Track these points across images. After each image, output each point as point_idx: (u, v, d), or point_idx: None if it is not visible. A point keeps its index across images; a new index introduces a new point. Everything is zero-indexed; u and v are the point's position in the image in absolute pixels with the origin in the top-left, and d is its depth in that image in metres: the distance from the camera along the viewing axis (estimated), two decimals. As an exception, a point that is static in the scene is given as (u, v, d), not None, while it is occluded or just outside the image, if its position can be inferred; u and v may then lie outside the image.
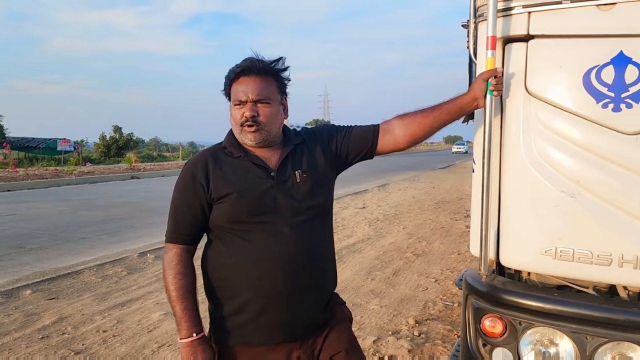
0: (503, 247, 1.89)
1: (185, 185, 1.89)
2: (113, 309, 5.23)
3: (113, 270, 6.77)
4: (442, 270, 6.59)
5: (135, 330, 4.63)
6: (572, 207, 1.72)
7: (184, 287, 1.87)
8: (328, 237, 2.00)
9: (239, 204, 1.80)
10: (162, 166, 33.56)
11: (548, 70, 1.76)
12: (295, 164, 1.89)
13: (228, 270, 1.85)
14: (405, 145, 1.97)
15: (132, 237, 9.25)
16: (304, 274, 1.83)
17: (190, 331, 1.84)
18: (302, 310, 1.86)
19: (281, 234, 1.80)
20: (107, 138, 45.47)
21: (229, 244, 1.84)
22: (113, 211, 12.65)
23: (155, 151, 56.40)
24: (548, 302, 1.73)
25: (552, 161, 1.76)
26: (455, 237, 8.90)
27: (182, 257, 1.89)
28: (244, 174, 1.85)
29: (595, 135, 1.68)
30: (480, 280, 1.92)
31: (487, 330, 1.87)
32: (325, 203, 1.95)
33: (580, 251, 1.71)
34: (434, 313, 4.93)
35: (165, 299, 5.46)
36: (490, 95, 1.81)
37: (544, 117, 1.77)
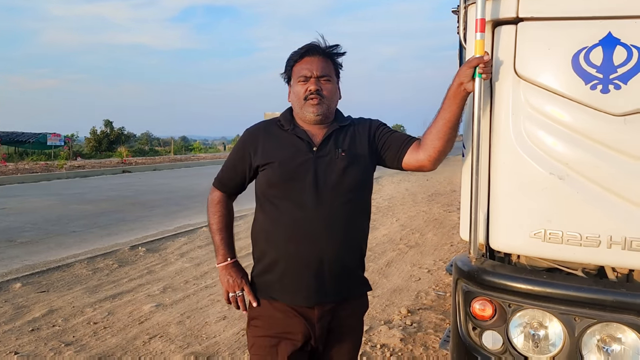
0: (493, 231, 1.89)
1: (237, 149, 2.16)
2: (104, 301, 5.20)
3: (104, 263, 6.73)
4: (435, 261, 6.61)
5: (126, 322, 4.61)
6: (561, 189, 1.72)
7: (222, 222, 2.18)
8: (357, 215, 2.06)
9: (277, 172, 1.99)
10: (154, 160, 33.41)
11: (537, 53, 1.76)
12: (337, 143, 2.03)
13: (263, 234, 2.07)
14: (428, 162, 1.98)
15: (124, 230, 9.21)
16: (326, 244, 1.95)
17: (225, 257, 2.16)
18: (320, 278, 1.97)
19: (310, 203, 1.94)
20: (98, 132, 45.20)
21: (267, 210, 2.05)
22: (104, 205, 12.59)
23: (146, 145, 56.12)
24: (537, 285, 1.74)
25: (541, 143, 1.75)
26: (449, 229, 8.93)
27: (221, 199, 2.21)
28: (287, 145, 2.03)
29: (584, 117, 1.68)
30: (469, 264, 1.92)
31: (477, 313, 1.87)
32: (360, 182, 2.04)
33: (569, 233, 1.71)
34: (427, 303, 4.95)
35: (156, 292, 5.45)
36: (480, 79, 1.80)
37: (533, 100, 1.77)
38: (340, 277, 2.02)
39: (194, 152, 47.12)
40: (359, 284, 2.15)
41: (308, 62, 2.02)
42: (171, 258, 7.05)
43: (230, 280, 2.14)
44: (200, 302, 5.10)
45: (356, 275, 2.13)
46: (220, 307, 4.94)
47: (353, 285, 2.12)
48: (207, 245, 7.75)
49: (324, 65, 2.03)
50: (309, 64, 2.02)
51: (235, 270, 2.16)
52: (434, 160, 1.96)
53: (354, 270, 2.11)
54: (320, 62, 2.02)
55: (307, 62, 2.02)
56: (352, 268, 2.09)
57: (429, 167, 1.99)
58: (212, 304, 5.03)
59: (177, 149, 48.08)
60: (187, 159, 35.77)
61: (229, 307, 2.20)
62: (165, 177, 21.41)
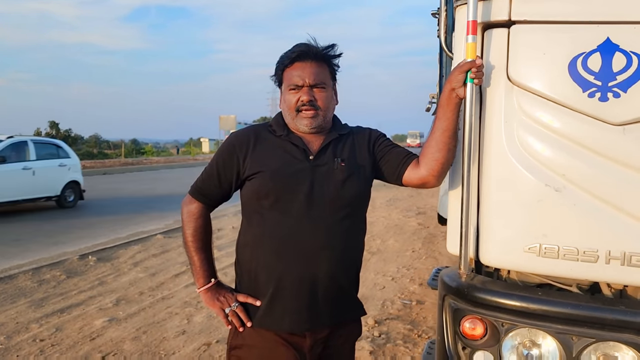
0: (483, 245, 1.79)
1: (223, 154, 1.94)
2: (51, 316, 4.86)
3: (51, 274, 6.34)
4: (399, 268, 6.56)
5: (76, 339, 4.30)
6: (557, 201, 1.63)
7: (203, 239, 1.98)
8: (355, 232, 1.94)
9: (269, 181, 1.82)
10: (104, 164, 32.26)
11: (531, 58, 1.67)
12: (336, 152, 1.89)
13: (251, 249, 1.89)
14: (431, 178, 1.86)
15: (72, 238, 8.75)
16: (321, 263, 1.81)
17: (208, 279, 1.97)
18: (313, 300, 1.83)
19: (305, 217, 1.80)
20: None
21: (255, 223, 1.88)
22: (50, 211, 11.97)
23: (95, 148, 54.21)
24: (532, 302, 1.64)
25: (536, 153, 1.66)
26: (409, 235, 8.94)
27: (202, 212, 1.98)
28: (280, 153, 1.86)
29: (582, 125, 1.60)
30: (458, 280, 1.81)
31: (467, 332, 1.76)
32: (359, 197, 1.91)
33: (565, 248, 1.63)
34: (393, 312, 4.87)
35: (108, 305, 5.14)
36: (471, 84, 1.70)
37: (527, 107, 1.68)
38: (335, 299, 1.88)
39: (147, 156, 45.89)
40: (354, 307, 2.01)
41: (299, 68, 1.85)
42: (124, 268, 6.71)
43: (221, 297, 1.95)
44: (157, 316, 4.83)
45: (351, 297, 2.00)
46: (179, 320, 4.69)
47: (348, 308, 1.97)
48: (163, 254, 7.45)
49: (318, 71, 1.86)
50: (300, 71, 1.84)
51: (222, 288, 1.99)
52: (438, 174, 1.84)
53: (349, 292, 1.97)
54: (313, 68, 1.84)
55: (298, 69, 1.85)
56: (347, 289, 1.95)
57: (432, 182, 1.88)
58: (170, 317, 4.78)
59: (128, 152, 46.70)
60: (139, 163, 34.74)
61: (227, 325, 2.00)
62: (116, 181, 20.65)
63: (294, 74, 1.85)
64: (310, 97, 1.83)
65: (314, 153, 1.86)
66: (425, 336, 4.29)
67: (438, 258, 7.20)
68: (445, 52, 2.34)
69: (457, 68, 1.69)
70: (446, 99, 1.75)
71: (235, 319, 1.90)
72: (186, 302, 5.19)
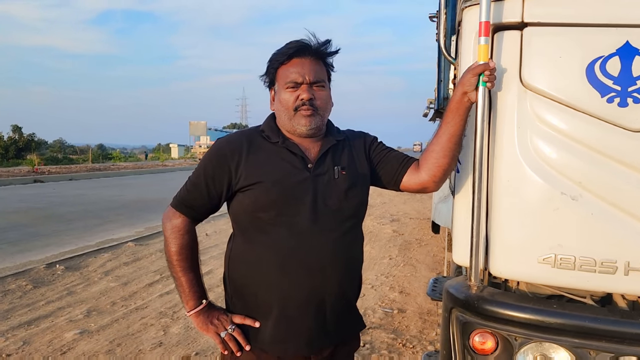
0: (493, 255, 1.72)
1: (211, 163, 1.76)
2: (18, 328, 4.60)
3: (16, 284, 6.03)
4: (377, 276, 6.49)
5: (46, 353, 4.07)
6: (573, 210, 1.58)
7: (190, 257, 1.80)
8: (358, 244, 1.85)
9: (269, 193, 1.68)
10: (70, 169, 31.41)
11: (546, 61, 1.62)
12: (335, 160, 1.77)
13: (248, 266, 1.74)
14: (432, 182, 1.79)
15: (38, 246, 8.39)
16: (328, 278, 1.71)
17: (199, 300, 1.80)
18: (321, 318, 1.73)
19: (309, 232, 1.68)
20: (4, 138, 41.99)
21: (253, 238, 1.73)
22: (14, 217, 11.51)
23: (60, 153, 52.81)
24: (548, 315, 1.58)
25: (551, 160, 1.61)
26: (385, 242, 8.89)
27: (188, 228, 1.80)
28: (278, 162, 1.73)
29: (600, 132, 1.55)
30: (467, 292, 1.73)
31: (477, 346, 1.69)
32: (360, 207, 1.82)
33: (582, 258, 1.57)
34: (375, 321, 4.78)
35: (79, 316, 4.89)
36: (483, 88, 1.63)
37: (542, 112, 1.62)
38: (342, 316, 1.80)
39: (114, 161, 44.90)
40: (357, 321, 1.93)
41: (298, 64, 1.72)
42: (94, 277, 6.44)
43: (215, 320, 1.78)
44: (132, 327, 4.62)
45: (356, 311, 1.91)
46: (155, 332, 4.50)
47: (353, 323, 1.89)
48: (134, 262, 7.20)
49: (317, 68, 1.74)
50: (299, 67, 1.71)
51: (214, 309, 1.82)
52: (439, 180, 1.78)
53: (354, 306, 1.89)
54: (312, 65, 1.73)
55: (296, 65, 1.72)
56: (353, 304, 1.88)
57: (432, 187, 1.81)
58: (145, 329, 4.57)
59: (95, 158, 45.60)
60: (107, 168, 33.94)
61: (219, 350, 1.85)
62: (83, 187, 20.06)
63: (292, 70, 1.72)
64: (311, 95, 1.71)
65: (313, 161, 1.74)
66: (410, 345, 4.22)
67: (416, 265, 7.16)
68: (445, 56, 2.28)
69: (470, 71, 1.62)
70: (456, 103, 1.68)
71: (232, 343, 1.75)
72: (161, 312, 5.00)
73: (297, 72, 1.71)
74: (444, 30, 2.27)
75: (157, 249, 7.91)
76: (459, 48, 1.93)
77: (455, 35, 2.23)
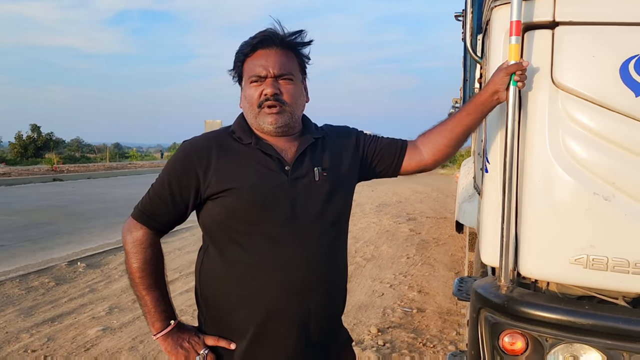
0: (523, 256, 1.71)
1: (175, 169, 1.60)
2: (42, 325, 4.68)
3: (39, 281, 6.13)
4: (395, 275, 6.48)
5: (70, 349, 4.14)
6: (606, 210, 1.56)
7: (155, 274, 1.63)
8: (342, 250, 1.74)
9: (243, 200, 1.53)
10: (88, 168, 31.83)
11: (579, 61, 1.60)
12: (314, 160, 1.63)
13: (223, 283, 1.60)
14: (431, 162, 1.76)
15: (59, 244, 8.52)
16: (311, 295, 1.59)
17: (167, 320, 1.64)
18: (305, 336, 1.60)
19: (289, 242, 1.55)
20: (24, 137, 42.62)
21: (226, 251, 1.58)
22: (35, 215, 11.69)
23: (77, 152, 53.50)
24: (580, 316, 1.57)
25: (583, 160, 1.59)
26: (402, 241, 8.87)
27: (151, 241, 1.62)
28: (252, 165, 1.57)
29: (633, 131, 1.54)
30: (496, 292, 1.73)
31: (507, 347, 1.68)
32: (344, 210, 1.71)
33: (615, 259, 1.56)
34: (395, 320, 4.78)
35: (101, 313, 4.96)
36: (514, 87, 1.62)
37: (574, 112, 1.61)
38: (327, 332, 1.67)
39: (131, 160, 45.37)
40: (344, 338, 1.82)
41: (262, 56, 1.56)
42: (115, 274, 6.53)
43: (185, 342, 1.62)
44: (152, 324, 4.68)
45: (342, 327, 1.81)
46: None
47: (340, 340, 1.78)
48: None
49: (284, 60, 1.58)
50: (263, 59, 1.56)
51: (184, 330, 1.66)
52: (439, 164, 1.78)
53: (340, 322, 1.79)
54: (278, 57, 1.57)
55: (261, 57, 1.56)
56: (339, 319, 1.77)
57: (430, 167, 1.79)
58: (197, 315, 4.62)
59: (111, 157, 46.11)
60: (124, 167, 34.29)
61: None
62: (101, 185, 20.32)
63: (256, 63, 1.57)
64: (275, 90, 1.55)
65: (290, 163, 1.59)
66: (430, 345, 4.21)
67: (434, 264, 7.14)
68: (471, 55, 2.27)
69: (502, 70, 1.61)
70: (484, 100, 1.66)
71: None
72: (182, 310, 5.04)
73: (261, 65, 1.56)
74: (470, 30, 2.26)
75: (176, 247, 7.99)
76: (487, 47, 1.92)
77: (482, 34, 2.23)
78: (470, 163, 4.38)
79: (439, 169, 33.03)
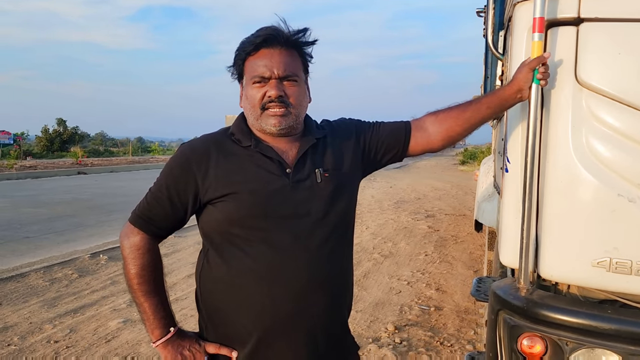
0: (543, 257, 1.68)
1: (174, 172, 1.56)
2: (64, 316, 4.77)
3: (62, 272, 6.26)
4: (413, 272, 6.44)
5: (91, 341, 4.21)
6: (631, 212, 1.52)
7: (154, 280, 1.59)
8: (348, 252, 1.68)
9: (244, 205, 1.48)
10: (111, 162, 32.32)
11: (604, 58, 1.56)
12: (316, 161, 1.57)
13: (224, 289, 1.55)
14: (440, 145, 1.70)
15: (83, 236, 8.68)
16: (315, 300, 1.54)
17: (167, 327, 1.60)
18: (312, 345, 1.56)
19: (293, 247, 1.50)
20: (50, 131, 43.45)
21: (228, 257, 1.53)
22: (60, 208, 11.92)
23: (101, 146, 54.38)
24: (602, 321, 1.53)
25: (607, 161, 1.56)
26: (420, 238, 8.82)
27: (149, 246, 1.58)
28: (252, 168, 1.52)
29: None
30: (516, 294, 1.70)
31: (525, 350, 1.65)
32: (348, 210, 1.64)
33: (639, 263, 1.52)
34: (412, 318, 4.75)
35: (122, 305, 5.04)
36: (537, 85, 1.59)
37: (599, 111, 1.57)
38: (333, 340, 1.62)
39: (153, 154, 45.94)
40: (351, 345, 1.75)
41: (266, 56, 1.50)
42: (136, 267, 6.61)
43: (185, 350, 1.58)
44: (172, 318, 4.74)
45: (349, 333, 1.75)
46: (195, 322, 4.57)
47: (347, 347, 1.72)
48: (174, 253, 7.36)
49: (289, 60, 1.52)
50: (267, 59, 1.50)
51: (184, 337, 1.62)
52: (445, 147, 1.72)
53: (347, 328, 1.73)
54: (283, 57, 1.51)
55: (264, 57, 1.50)
56: (345, 325, 1.72)
57: (437, 150, 1.74)
58: (186, 319, 4.67)
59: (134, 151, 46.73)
60: (146, 161, 34.73)
61: None
62: (124, 179, 20.61)
63: (259, 63, 1.50)
64: (280, 92, 1.49)
65: (291, 165, 1.54)
66: (447, 344, 4.18)
67: (452, 262, 7.08)
68: (492, 52, 2.24)
69: (525, 66, 1.57)
70: (508, 96, 1.62)
71: None
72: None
73: (265, 66, 1.50)
74: (491, 26, 2.22)
75: (196, 242, 8.06)
76: (510, 44, 1.88)
77: (504, 31, 2.19)
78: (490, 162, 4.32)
79: (459, 166, 32.72)
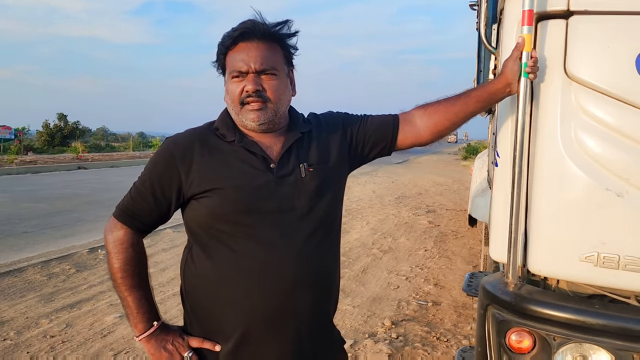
0: (532, 252, 1.67)
1: (157, 167, 1.55)
2: (61, 311, 4.77)
3: (60, 267, 6.26)
4: (412, 268, 6.44)
5: (87, 336, 4.21)
6: (619, 207, 1.51)
7: (137, 274, 1.60)
8: (334, 248, 1.67)
9: (227, 201, 1.48)
10: (111, 156, 32.34)
11: (593, 51, 1.55)
12: (300, 156, 1.56)
13: (208, 284, 1.55)
14: (428, 139, 1.68)
15: (81, 231, 8.68)
16: (299, 296, 1.53)
17: (150, 321, 1.59)
18: (297, 341, 1.55)
19: (278, 242, 1.50)
20: (51, 126, 43.49)
21: (213, 253, 1.52)
22: (59, 203, 11.93)
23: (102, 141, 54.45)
24: (589, 315, 1.52)
25: (596, 155, 1.54)
26: (420, 233, 8.80)
27: (133, 240, 1.59)
28: (236, 164, 1.51)
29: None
30: (504, 289, 1.69)
31: (513, 345, 1.65)
32: (334, 206, 1.63)
33: (627, 258, 1.51)
34: (409, 313, 4.75)
35: (118, 301, 5.03)
36: (526, 79, 1.57)
37: (587, 105, 1.55)
38: (318, 336, 1.62)
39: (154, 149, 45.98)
40: (336, 341, 1.75)
41: (244, 50, 1.49)
42: (134, 262, 6.61)
43: (169, 344, 1.57)
44: (169, 313, 4.73)
45: (334, 330, 1.75)
46: (191, 318, 4.59)
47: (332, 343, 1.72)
48: (172, 249, 7.36)
49: (266, 54, 1.50)
50: (244, 54, 1.48)
51: (168, 331, 1.61)
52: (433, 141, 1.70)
53: (331, 324, 1.72)
54: (260, 50, 1.49)
55: (242, 51, 1.49)
56: (330, 318, 1.71)
57: (425, 144, 1.71)
58: (182, 314, 4.67)
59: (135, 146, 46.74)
60: (147, 156, 34.66)
61: None
62: (124, 174, 20.60)
63: (237, 57, 1.50)
64: (257, 86, 1.48)
65: (275, 160, 1.53)
66: (444, 339, 4.18)
67: (451, 258, 7.07)
68: (485, 46, 2.22)
69: (510, 58, 1.56)
70: (497, 90, 1.61)
71: None
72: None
73: (242, 60, 1.48)
74: (484, 19, 2.21)
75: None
76: (501, 37, 1.87)
77: (497, 24, 2.17)
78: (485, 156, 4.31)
79: (461, 161, 32.67)
